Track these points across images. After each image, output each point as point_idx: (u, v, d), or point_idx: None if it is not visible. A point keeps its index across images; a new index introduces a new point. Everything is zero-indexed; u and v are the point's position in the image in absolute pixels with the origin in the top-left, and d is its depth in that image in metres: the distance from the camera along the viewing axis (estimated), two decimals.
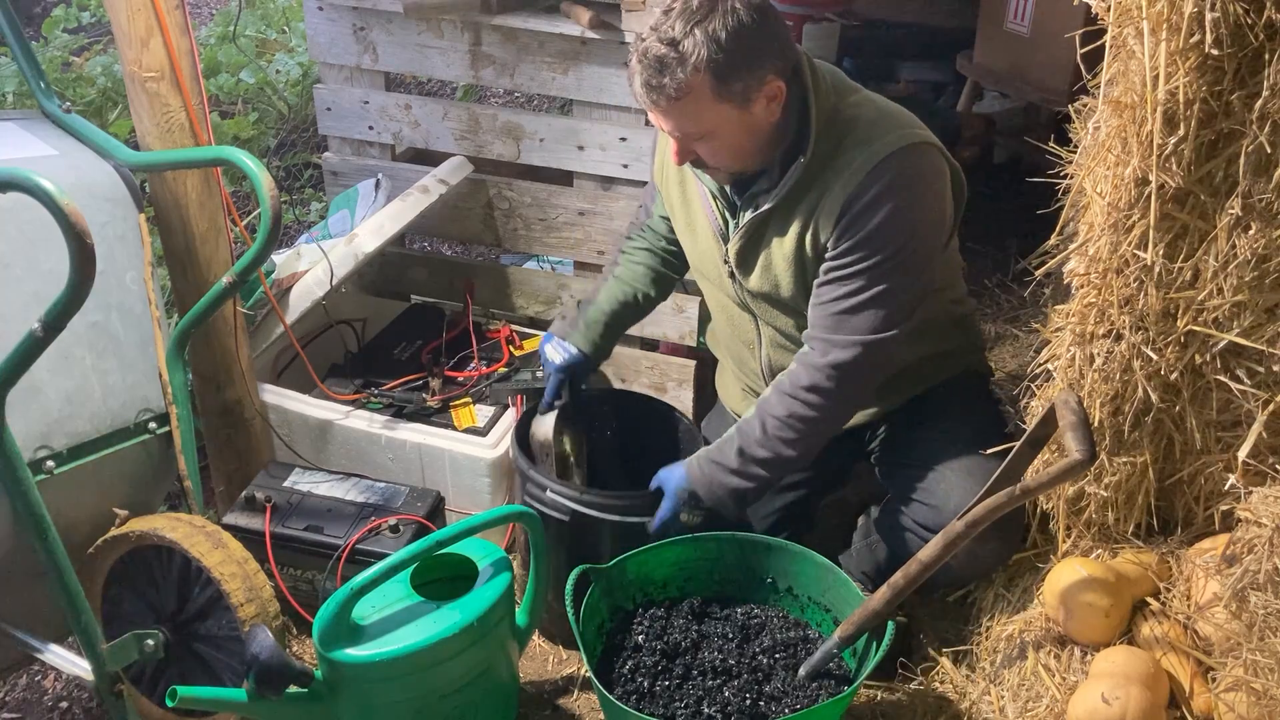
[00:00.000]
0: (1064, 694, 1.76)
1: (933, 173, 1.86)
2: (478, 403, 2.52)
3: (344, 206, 2.86)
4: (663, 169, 2.12)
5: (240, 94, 4.21)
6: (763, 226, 1.94)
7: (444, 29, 2.64)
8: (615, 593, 2.05)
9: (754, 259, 1.97)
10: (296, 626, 2.26)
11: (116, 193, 1.99)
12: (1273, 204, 1.55)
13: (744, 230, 1.95)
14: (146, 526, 1.91)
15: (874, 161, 1.80)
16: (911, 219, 1.83)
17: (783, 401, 1.92)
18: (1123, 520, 1.95)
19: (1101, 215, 1.73)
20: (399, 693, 1.84)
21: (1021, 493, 1.71)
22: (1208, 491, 1.87)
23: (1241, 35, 1.48)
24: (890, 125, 1.84)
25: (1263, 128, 1.51)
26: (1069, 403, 1.74)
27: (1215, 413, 1.79)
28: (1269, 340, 1.64)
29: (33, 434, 1.83)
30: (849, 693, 1.80)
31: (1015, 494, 1.71)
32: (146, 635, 1.89)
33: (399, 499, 2.27)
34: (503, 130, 2.72)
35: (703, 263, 2.11)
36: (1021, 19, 3.51)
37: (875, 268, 1.83)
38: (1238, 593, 1.53)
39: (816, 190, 1.85)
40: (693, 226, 2.08)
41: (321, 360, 2.66)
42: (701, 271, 2.14)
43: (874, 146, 1.81)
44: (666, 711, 1.86)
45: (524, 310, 2.91)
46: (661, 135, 2.07)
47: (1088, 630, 1.82)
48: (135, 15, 1.96)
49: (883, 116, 1.86)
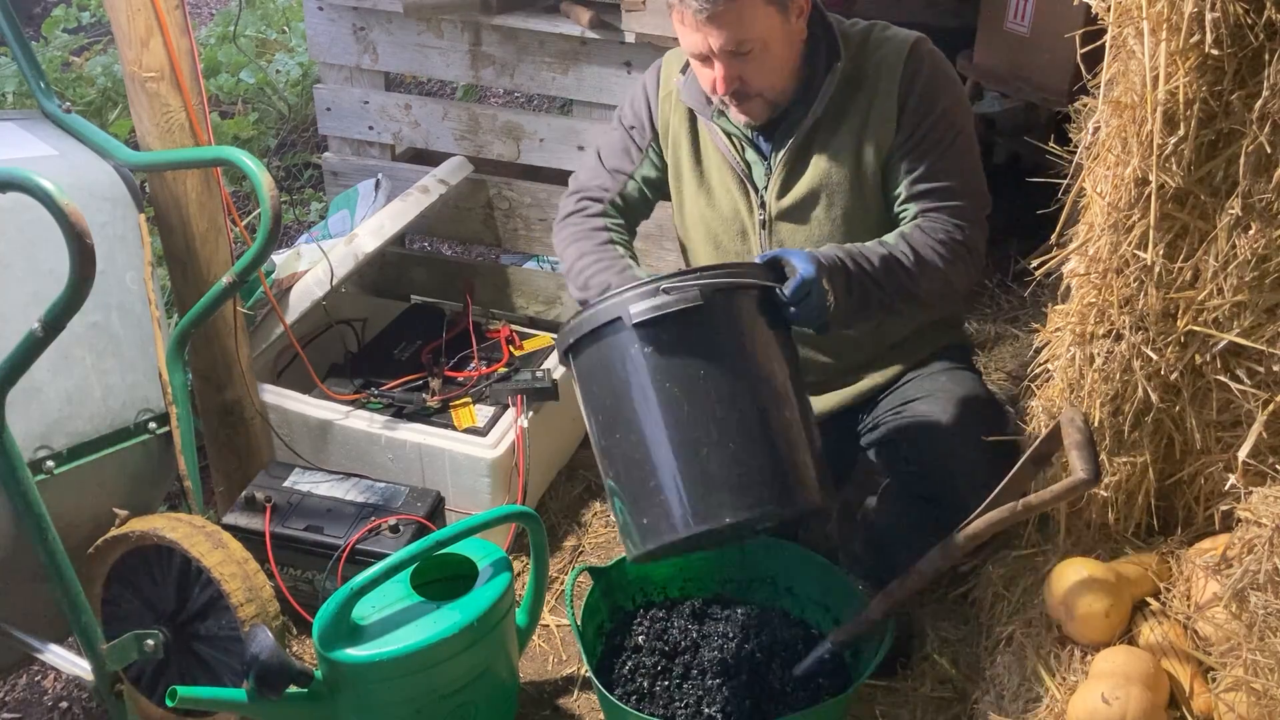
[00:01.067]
0: (1064, 694, 1.76)
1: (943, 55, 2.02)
2: (478, 403, 2.51)
3: (344, 206, 2.86)
4: (667, 131, 2.10)
5: (240, 94, 4.21)
6: (807, 148, 1.97)
7: (444, 29, 2.64)
8: (615, 593, 2.05)
9: (798, 180, 1.99)
10: (296, 626, 2.26)
11: (116, 193, 1.99)
12: (1273, 204, 1.55)
13: (786, 158, 1.97)
14: (146, 526, 1.91)
15: (904, 51, 1.93)
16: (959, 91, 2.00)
17: (925, 242, 1.92)
18: (1123, 520, 1.95)
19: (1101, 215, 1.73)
20: (399, 693, 1.84)
21: (1024, 509, 1.71)
22: (1208, 491, 1.87)
23: (1241, 35, 1.48)
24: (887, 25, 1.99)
25: (1263, 128, 1.51)
26: (1074, 420, 1.74)
27: (1215, 413, 1.79)
28: (1269, 340, 1.64)
29: (33, 434, 1.83)
30: (849, 693, 1.81)
31: (1017, 509, 1.71)
32: (146, 635, 1.89)
33: (399, 499, 2.27)
34: (503, 130, 2.72)
35: (714, 221, 2.09)
36: (1021, 19, 3.50)
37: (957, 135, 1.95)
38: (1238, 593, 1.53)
39: (865, 92, 1.94)
40: (707, 185, 2.08)
41: (321, 360, 2.66)
42: (710, 231, 2.11)
43: (894, 41, 1.95)
44: (666, 712, 1.86)
45: (524, 310, 2.91)
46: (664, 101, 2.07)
47: (1088, 630, 1.82)
48: (135, 15, 1.96)
49: (875, 22, 2.01)
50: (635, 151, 2.14)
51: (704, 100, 2.00)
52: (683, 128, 2.08)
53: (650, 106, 2.12)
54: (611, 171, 2.15)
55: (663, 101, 2.10)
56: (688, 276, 1.63)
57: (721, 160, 2.04)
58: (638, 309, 1.60)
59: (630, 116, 2.15)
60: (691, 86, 2.01)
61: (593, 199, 2.14)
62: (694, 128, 2.07)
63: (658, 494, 1.61)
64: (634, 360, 1.62)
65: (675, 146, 2.10)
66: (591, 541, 2.60)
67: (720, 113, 2.00)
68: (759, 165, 2.02)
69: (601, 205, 2.13)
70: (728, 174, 2.04)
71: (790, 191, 2.00)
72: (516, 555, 2.45)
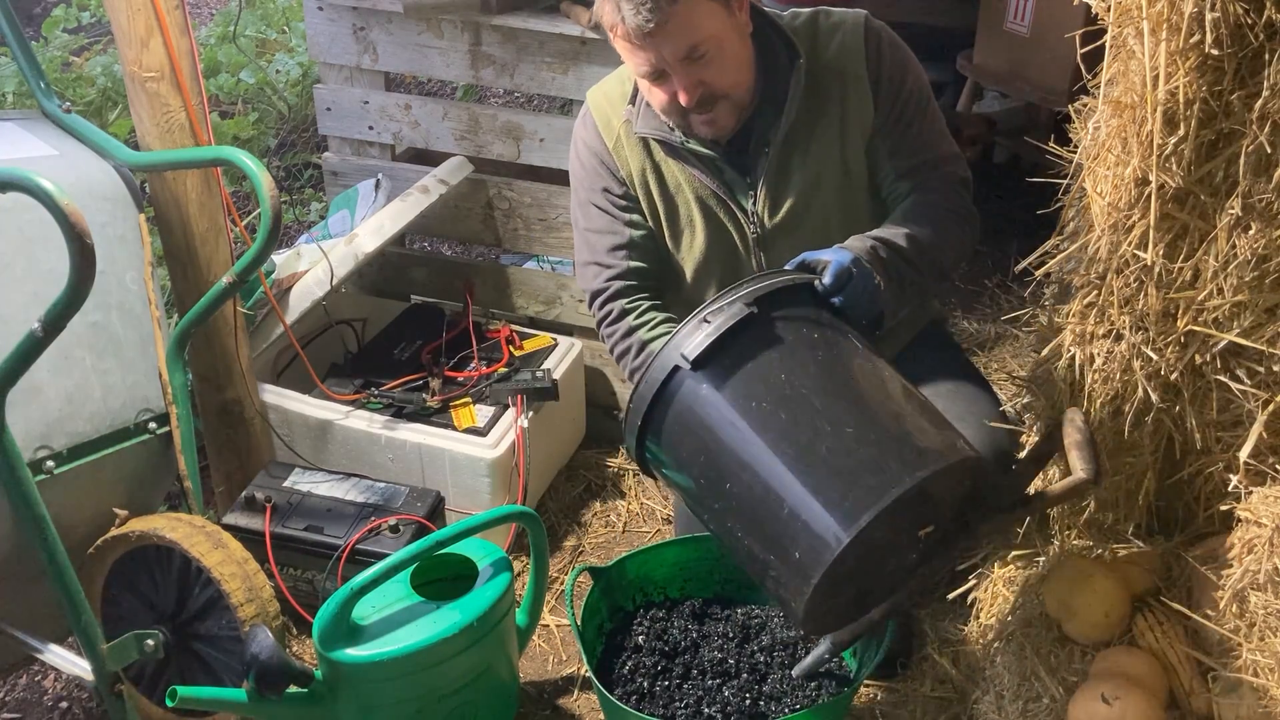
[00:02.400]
0: (1064, 694, 1.76)
1: None
2: (478, 403, 2.51)
3: (344, 206, 2.86)
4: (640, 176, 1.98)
5: (240, 94, 4.21)
6: (788, 155, 1.90)
7: (444, 29, 2.64)
8: (615, 593, 2.05)
9: (787, 189, 1.91)
10: (296, 626, 2.26)
11: (116, 193, 1.99)
12: (1273, 204, 1.55)
13: (769, 171, 1.90)
14: (146, 526, 1.91)
15: (860, 31, 1.89)
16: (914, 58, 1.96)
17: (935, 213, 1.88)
18: (1123, 520, 1.95)
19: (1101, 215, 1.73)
20: (399, 693, 1.84)
21: (1025, 510, 1.70)
22: (1208, 491, 1.87)
23: (1241, 35, 1.48)
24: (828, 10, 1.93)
25: (1263, 128, 1.51)
26: (1074, 420, 1.74)
27: (1215, 413, 1.78)
28: (1269, 340, 1.64)
29: (33, 434, 1.83)
30: (849, 693, 1.81)
31: (1018, 511, 1.71)
32: (146, 635, 1.89)
33: (399, 499, 2.27)
34: (503, 130, 2.71)
35: (709, 250, 1.99)
36: (1021, 19, 3.50)
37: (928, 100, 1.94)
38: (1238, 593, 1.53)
39: (834, 84, 1.88)
40: (689, 220, 1.98)
41: (321, 360, 2.66)
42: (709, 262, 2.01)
43: (848, 23, 1.90)
44: (666, 712, 1.86)
45: (524, 310, 2.91)
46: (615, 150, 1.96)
47: (1088, 630, 1.82)
48: (135, 15, 1.96)
49: (818, 9, 1.95)
50: (619, 213, 2.00)
51: (665, 126, 1.89)
52: (643, 166, 1.96)
53: (604, 161, 1.99)
54: (608, 253, 2.01)
55: (615, 150, 1.98)
56: (723, 298, 1.55)
57: (697, 188, 1.94)
58: (691, 346, 1.50)
59: (590, 181, 2.01)
60: (649, 117, 1.90)
61: (607, 298, 2.01)
62: (658, 162, 1.96)
63: (796, 518, 1.44)
64: (709, 400, 1.50)
65: (645, 188, 1.99)
66: (591, 541, 2.60)
67: (685, 138, 1.90)
68: (740, 183, 1.93)
69: (617, 302, 2.00)
70: (709, 199, 1.94)
71: (782, 205, 1.92)
72: (516, 555, 2.45)
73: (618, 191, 1.99)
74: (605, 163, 1.99)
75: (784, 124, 1.86)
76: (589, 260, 2.04)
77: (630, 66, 1.81)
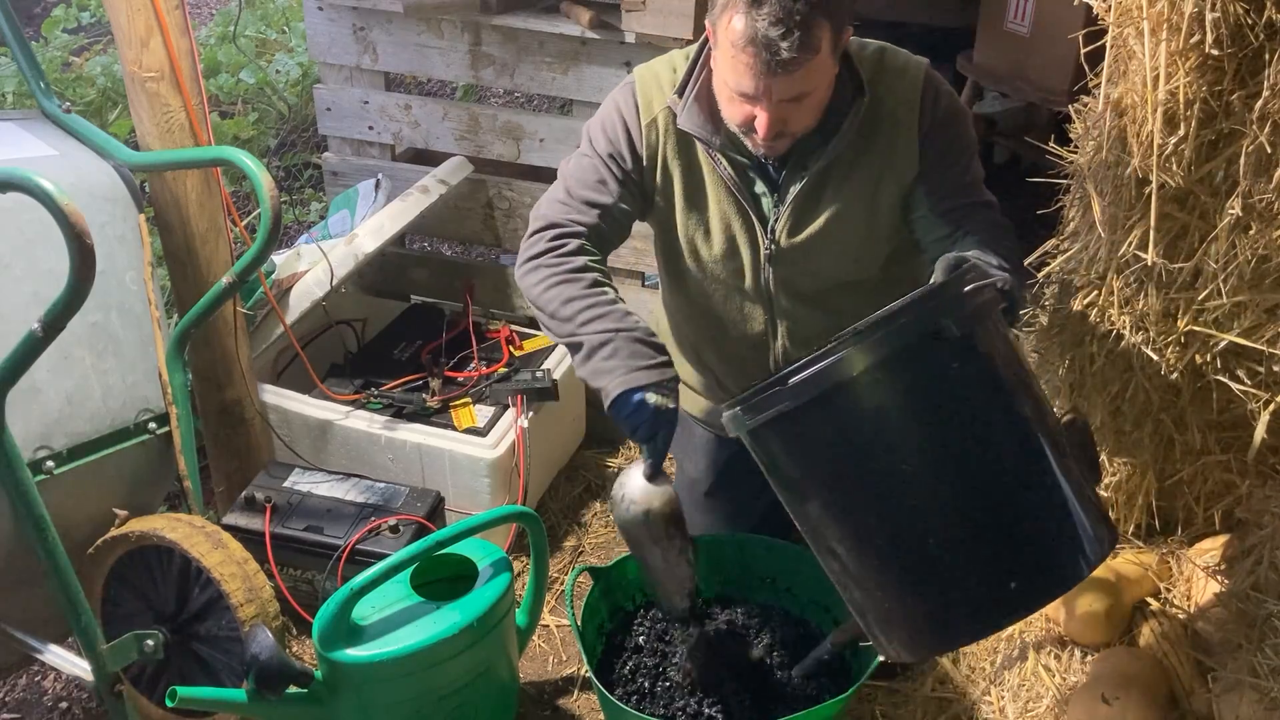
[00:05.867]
0: (1064, 694, 1.76)
1: None
2: (478, 403, 2.51)
3: (344, 206, 2.86)
4: (655, 159, 1.94)
5: (240, 94, 4.21)
6: (821, 185, 1.88)
7: (444, 29, 2.64)
8: (615, 593, 2.05)
9: (812, 216, 1.89)
10: (296, 626, 2.26)
11: (116, 193, 1.99)
12: (1273, 204, 1.55)
13: (799, 195, 1.87)
14: (146, 527, 1.91)
15: (919, 83, 1.85)
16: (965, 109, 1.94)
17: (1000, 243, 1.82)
18: (1123, 520, 1.95)
19: (1101, 215, 1.73)
20: (399, 693, 1.84)
21: None
22: (1208, 491, 1.87)
23: (1241, 35, 1.48)
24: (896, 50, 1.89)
25: (1263, 128, 1.51)
26: (1074, 421, 1.74)
27: (1215, 413, 1.79)
28: (1269, 340, 1.64)
29: (33, 434, 1.83)
30: (849, 693, 1.80)
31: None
32: (146, 635, 1.89)
33: (399, 499, 2.27)
34: (503, 130, 2.72)
35: (706, 251, 1.98)
36: (1021, 19, 3.51)
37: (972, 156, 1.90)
38: (1238, 593, 1.53)
39: (884, 130, 1.85)
40: (703, 216, 1.96)
41: (321, 360, 2.66)
42: (701, 261, 1.99)
43: (909, 72, 1.86)
44: (666, 712, 1.86)
45: (524, 310, 2.91)
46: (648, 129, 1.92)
47: (1088, 630, 1.82)
48: (135, 15, 1.96)
49: (884, 46, 1.90)
50: (613, 182, 1.94)
51: (711, 129, 1.86)
52: (677, 156, 1.93)
53: (631, 134, 1.94)
54: (584, 204, 1.93)
55: (647, 129, 1.94)
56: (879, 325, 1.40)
57: (725, 192, 1.92)
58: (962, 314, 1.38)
59: (605, 144, 1.95)
60: (695, 114, 1.87)
61: (567, 234, 1.91)
62: (691, 157, 1.93)
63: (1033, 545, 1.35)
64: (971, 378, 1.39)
65: (665, 176, 1.95)
66: (591, 541, 2.60)
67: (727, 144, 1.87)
68: (767, 198, 1.91)
69: (579, 241, 1.90)
70: (730, 206, 1.93)
71: (803, 230, 1.91)
72: (516, 555, 2.45)
73: (628, 166, 1.95)
74: (631, 135, 1.95)
75: (829, 154, 1.84)
76: (563, 199, 1.96)
77: (725, 76, 1.75)
